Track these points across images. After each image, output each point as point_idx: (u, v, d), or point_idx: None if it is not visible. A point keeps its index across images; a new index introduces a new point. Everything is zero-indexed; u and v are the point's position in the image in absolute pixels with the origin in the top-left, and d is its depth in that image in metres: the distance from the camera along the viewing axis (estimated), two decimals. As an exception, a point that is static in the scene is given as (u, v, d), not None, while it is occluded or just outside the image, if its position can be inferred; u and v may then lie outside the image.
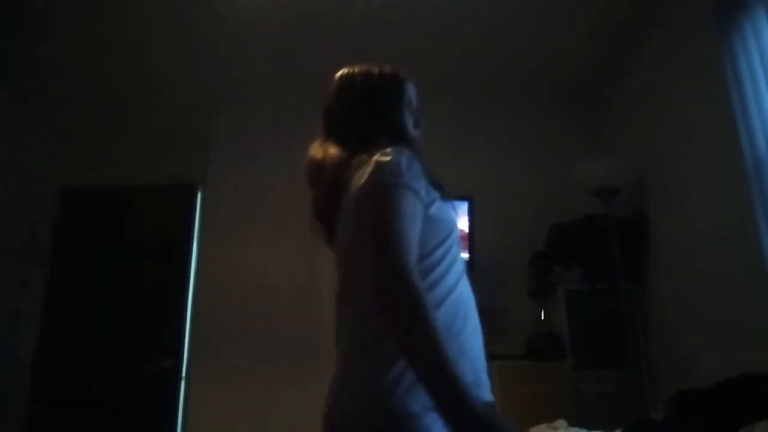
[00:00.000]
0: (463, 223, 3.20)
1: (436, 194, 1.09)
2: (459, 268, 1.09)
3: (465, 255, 3.14)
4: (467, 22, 3.07)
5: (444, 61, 3.41)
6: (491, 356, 2.89)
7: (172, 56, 3.34)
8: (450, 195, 1.17)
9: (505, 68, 3.49)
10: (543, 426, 2.19)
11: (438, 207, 1.08)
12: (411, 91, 1.31)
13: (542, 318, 3.14)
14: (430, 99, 3.55)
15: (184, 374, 3.38)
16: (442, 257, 1.05)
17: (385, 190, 1.00)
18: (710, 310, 2.44)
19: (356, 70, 1.30)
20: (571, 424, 2.23)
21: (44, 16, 2.96)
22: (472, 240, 3.18)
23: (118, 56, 3.30)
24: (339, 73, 1.31)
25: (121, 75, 3.48)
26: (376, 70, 1.29)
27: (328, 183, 1.16)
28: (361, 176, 1.05)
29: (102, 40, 3.17)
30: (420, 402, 0.90)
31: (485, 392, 1.04)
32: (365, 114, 1.24)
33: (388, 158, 1.04)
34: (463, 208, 3.20)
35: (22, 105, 3.59)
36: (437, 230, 1.05)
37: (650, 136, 3.05)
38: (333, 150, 1.18)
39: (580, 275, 2.99)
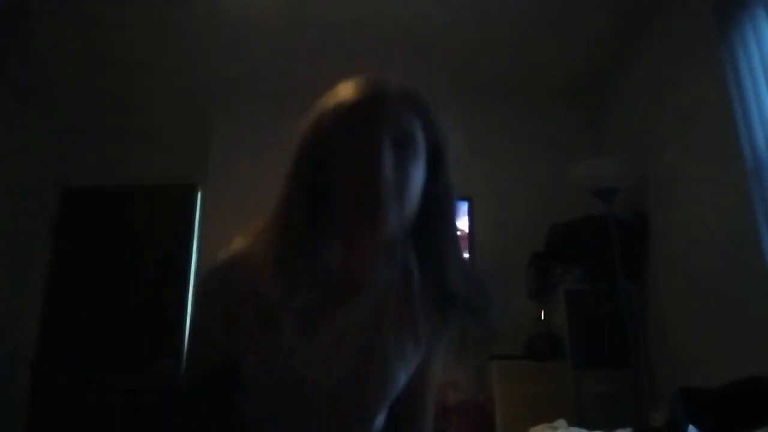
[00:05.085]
0: (463, 223, 3.20)
1: None
2: None
3: (465, 255, 3.15)
4: (466, 23, 3.07)
5: (443, 62, 3.41)
6: (491, 356, 2.93)
7: (172, 56, 3.33)
8: None
9: (505, 68, 3.49)
10: (543, 426, 2.18)
11: None
12: None
13: (542, 318, 3.14)
14: (429, 99, 3.58)
15: (184, 374, 3.37)
16: None
17: None
18: (710, 310, 2.44)
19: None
20: (571, 424, 2.23)
21: (44, 16, 2.96)
22: (472, 240, 3.18)
23: (118, 56, 3.30)
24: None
25: (121, 75, 3.47)
26: None
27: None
28: None
29: (102, 40, 3.17)
30: None
31: None
32: None
33: None
34: (463, 208, 3.21)
35: (22, 105, 3.59)
36: None
37: (650, 136, 3.04)
38: None
39: (580, 275, 2.99)
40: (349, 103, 0.77)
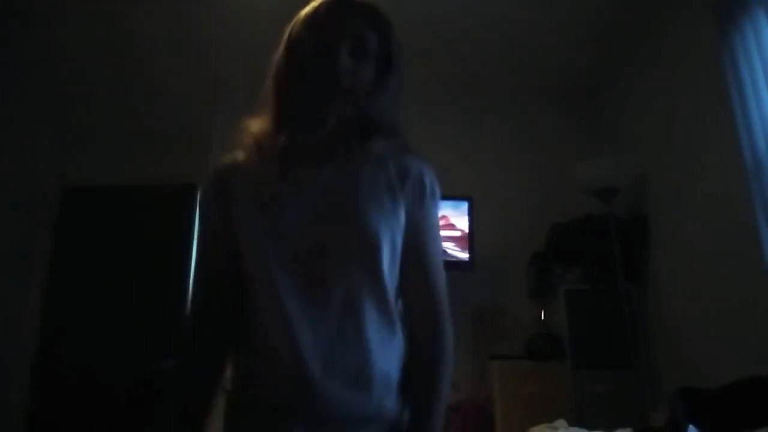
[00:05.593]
0: (463, 223, 3.20)
1: None
2: None
3: (465, 255, 3.15)
4: (467, 23, 3.07)
5: (444, 62, 3.41)
6: (491, 356, 2.93)
7: (172, 56, 3.33)
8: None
9: (505, 68, 3.49)
10: (543, 426, 2.18)
11: None
12: None
13: (542, 318, 3.14)
14: (430, 99, 3.58)
15: (184, 374, 3.37)
16: None
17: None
18: (710, 310, 2.44)
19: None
20: (571, 424, 2.23)
21: (44, 16, 2.96)
22: (472, 240, 3.18)
23: (118, 56, 3.30)
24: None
25: (121, 75, 3.47)
26: None
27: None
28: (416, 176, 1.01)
29: (102, 40, 3.17)
30: None
31: None
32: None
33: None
34: (463, 208, 3.21)
35: (22, 105, 3.59)
36: None
37: (650, 136, 3.05)
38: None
39: (580, 275, 2.99)
40: (318, 16, 1.05)
